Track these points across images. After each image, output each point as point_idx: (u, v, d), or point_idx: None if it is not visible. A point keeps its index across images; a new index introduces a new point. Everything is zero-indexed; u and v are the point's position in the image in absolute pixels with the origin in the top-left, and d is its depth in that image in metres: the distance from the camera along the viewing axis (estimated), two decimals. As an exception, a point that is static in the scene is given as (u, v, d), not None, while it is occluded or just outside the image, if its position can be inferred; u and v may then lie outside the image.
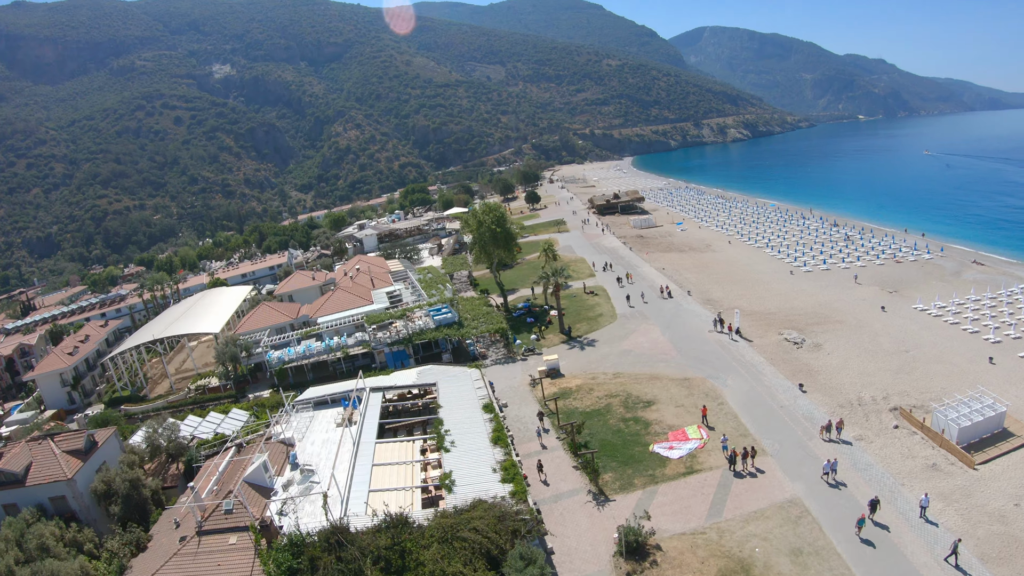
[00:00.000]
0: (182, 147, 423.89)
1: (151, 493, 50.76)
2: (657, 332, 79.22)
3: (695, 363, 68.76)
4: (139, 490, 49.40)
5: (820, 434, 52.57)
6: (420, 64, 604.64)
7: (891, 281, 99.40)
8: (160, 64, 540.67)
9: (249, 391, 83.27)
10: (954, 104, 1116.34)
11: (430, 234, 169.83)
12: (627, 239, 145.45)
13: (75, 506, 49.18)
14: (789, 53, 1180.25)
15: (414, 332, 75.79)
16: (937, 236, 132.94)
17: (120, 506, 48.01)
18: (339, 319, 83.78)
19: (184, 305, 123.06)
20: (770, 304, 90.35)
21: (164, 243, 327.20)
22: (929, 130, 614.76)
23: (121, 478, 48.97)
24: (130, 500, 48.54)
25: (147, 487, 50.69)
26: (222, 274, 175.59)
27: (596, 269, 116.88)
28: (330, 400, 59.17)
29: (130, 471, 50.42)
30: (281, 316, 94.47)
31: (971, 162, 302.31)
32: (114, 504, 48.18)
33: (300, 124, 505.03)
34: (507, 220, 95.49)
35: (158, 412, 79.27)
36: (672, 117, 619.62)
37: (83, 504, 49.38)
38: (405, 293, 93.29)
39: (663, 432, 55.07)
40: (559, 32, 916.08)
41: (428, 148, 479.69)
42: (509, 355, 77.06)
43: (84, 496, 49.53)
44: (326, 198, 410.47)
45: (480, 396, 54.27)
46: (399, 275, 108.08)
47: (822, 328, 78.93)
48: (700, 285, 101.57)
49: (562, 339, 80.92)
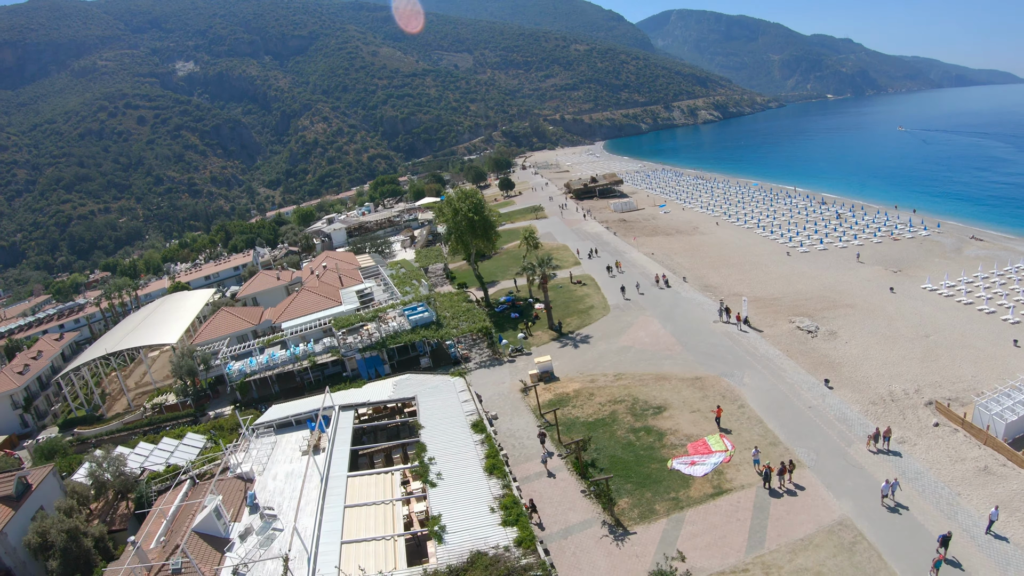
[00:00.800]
0: (146, 147, 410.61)
1: (94, 542, 42.76)
2: (657, 325, 71.89)
3: (705, 359, 61.57)
4: (79, 541, 41.15)
5: (867, 445, 45.51)
6: (387, 54, 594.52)
7: (893, 259, 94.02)
8: (122, 63, 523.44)
9: (210, 408, 74.89)
10: (921, 82, 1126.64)
11: (402, 226, 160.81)
12: (609, 224, 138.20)
13: (9, 563, 41.20)
14: (756, 35, 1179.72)
15: (388, 335, 67.47)
16: (928, 212, 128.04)
17: (59, 561, 40.07)
18: (305, 323, 75.17)
19: (143, 313, 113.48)
20: (773, 289, 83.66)
21: (131, 246, 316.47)
22: (899, 107, 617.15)
23: (57, 528, 40.84)
24: (69, 553, 40.41)
25: (89, 536, 42.62)
26: (184, 277, 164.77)
27: (581, 256, 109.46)
28: (294, 422, 50.86)
29: (67, 520, 42.29)
30: (242, 322, 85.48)
31: (948, 137, 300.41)
32: (52, 558, 40.29)
33: (266, 119, 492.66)
34: (485, 207, 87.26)
35: (112, 435, 71.62)
36: (642, 100, 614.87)
37: (17, 560, 41.49)
38: (377, 291, 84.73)
39: (681, 444, 47.68)
40: (526, 18, 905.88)
41: (397, 139, 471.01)
42: (494, 356, 69.11)
43: (18, 551, 41.56)
44: (295, 193, 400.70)
45: (467, 411, 46.27)
46: (370, 271, 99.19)
47: (833, 314, 72.46)
48: (695, 270, 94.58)
49: (552, 336, 73.28)
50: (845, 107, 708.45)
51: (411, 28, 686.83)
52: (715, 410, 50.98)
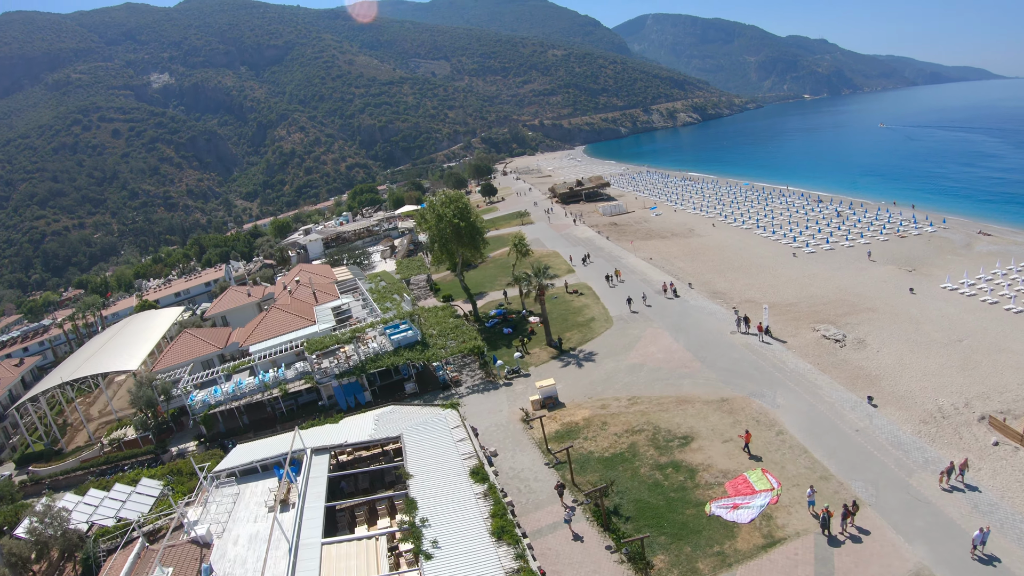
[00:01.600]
0: (121, 161, 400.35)
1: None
2: (668, 338, 64.81)
3: (729, 377, 54.57)
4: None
5: (940, 482, 38.54)
6: (363, 63, 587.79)
7: (904, 258, 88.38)
8: (96, 76, 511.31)
9: (173, 443, 67.05)
10: (896, 80, 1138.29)
11: (381, 235, 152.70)
12: (600, 228, 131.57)
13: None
14: (732, 37, 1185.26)
15: (368, 358, 59.75)
16: (926, 208, 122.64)
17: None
18: (275, 346, 67.02)
19: (106, 335, 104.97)
20: (786, 293, 77.16)
21: (105, 262, 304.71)
22: (876, 105, 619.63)
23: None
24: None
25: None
26: (154, 294, 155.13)
27: (574, 263, 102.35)
28: (260, 468, 43.20)
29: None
30: (207, 346, 77.32)
31: (932, 132, 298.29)
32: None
33: (243, 130, 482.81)
34: (472, 212, 79.83)
35: (68, 475, 64.65)
36: (621, 104, 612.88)
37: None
38: (355, 307, 76.92)
39: (717, 482, 40.52)
40: (503, 25, 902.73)
41: (375, 148, 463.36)
42: (489, 379, 61.60)
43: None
44: (272, 205, 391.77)
45: (464, 453, 38.65)
46: (347, 284, 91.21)
47: (856, 319, 66.25)
48: (699, 275, 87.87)
49: (552, 353, 65.83)
50: (823, 107, 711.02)
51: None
52: (743, 435, 44.15)
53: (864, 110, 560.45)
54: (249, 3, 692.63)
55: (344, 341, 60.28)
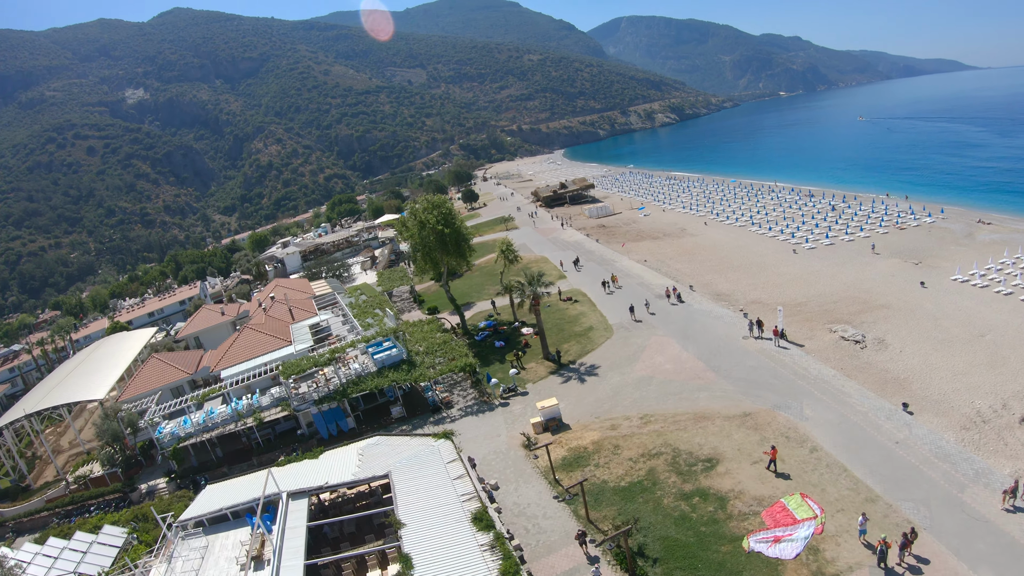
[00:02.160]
0: (97, 178, 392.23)
1: None
2: (675, 346, 59.90)
3: (748, 388, 49.80)
4: None
5: (1002, 503, 33.97)
6: (339, 73, 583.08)
7: (908, 250, 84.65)
8: (71, 93, 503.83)
9: (142, 479, 61.19)
10: (870, 74, 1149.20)
11: (361, 246, 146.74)
12: (589, 230, 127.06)
13: None
14: (707, 37, 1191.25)
15: (349, 381, 54.31)
16: (920, 198, 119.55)
17: None
18: (248, 371, 61.34)
19: (75, 361, 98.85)
20: (793, 292, 72.73)
21: (83, 282, 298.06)
22: (853, 100, 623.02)
23: None
24: None
25: None
26: (126, 315, 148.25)
27: (565, 269, 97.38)
28: (231, 515, 37.77)
29: None
30: (176, 372, 71.36)
31: (912, 124, 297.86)
32: None
33: (219, 144, 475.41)
34: (456, 217, 74.66)
35: (33, 516, 59.51)
36: (598, 107, 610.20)
37: None
38: (334, 324, 71.28)
39: (752, 511, 35.61)
40: (478, 32, 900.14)
41: (353, 158, 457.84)
42: (482, 399, 56.24)
43: None
44: (251, 219, 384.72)
45: (462, 493, 33.33)
46: (326, 299, 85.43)
47: (871, 317, 62.02)
48: (698, 277, 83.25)
49: (550, 368, 60.59)
50: (799, 103, 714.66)
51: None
52: (768, 452, 39.44)
53: (841, 105, 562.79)
54: (223, 16, 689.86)
55: (323, 363, 54.66)
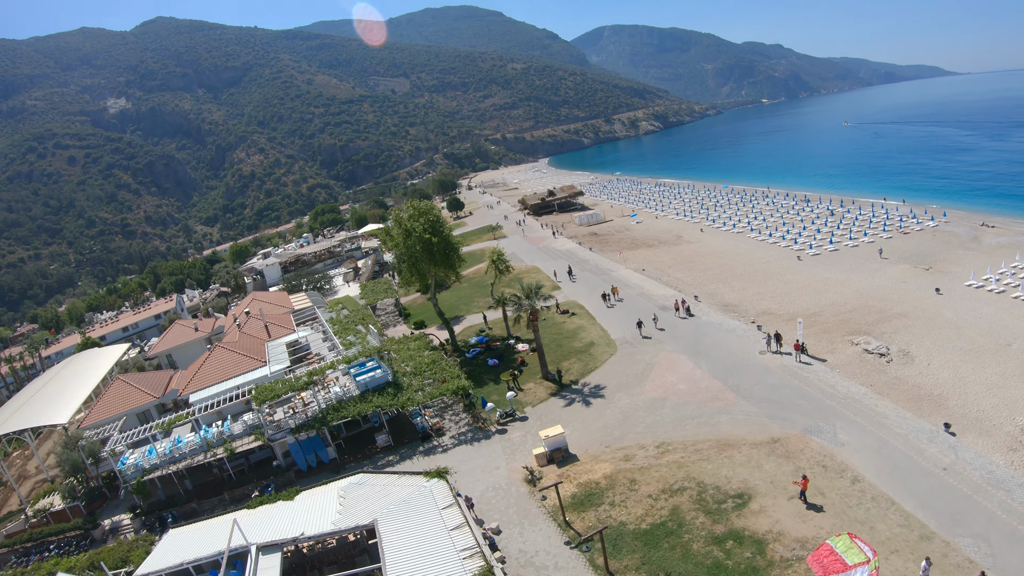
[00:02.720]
0: (77, 188, 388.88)
1: None
2: (687, 363, 54.91)
3: (772, 409, 44.92)
4: None
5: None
6: (322, 82, 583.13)
7: (915, 255, 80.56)
8: (52, 103, 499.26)
9: (105, 514, 55.02)
10: (852, 81, 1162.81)
11: (343, 256, 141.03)
12: (580, 238, 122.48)
13: None
14: (689, 45, 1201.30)
15: (329, 407, 48.88)
16: (917, 201, 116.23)
17: None
18: (219, 395, 55.70)
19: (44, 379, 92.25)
20: (804, 302, 68.19)
21: (62, 294, 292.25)
22: (835, 106, 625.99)
23: None
24: None
25: None
26: (99, 330, 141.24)
27: (559, 279, 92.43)
28: (193, 571, 32.36)
29: None
30: (142, 395, 65.29)
31: (898, 128, 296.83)
32: None
33: (201, 154, 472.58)
34: (444, 225, 69.52)
35: None
36: (582, 115, 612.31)
37: None
38: (314, 341, 65.70)
39: (795, 556, 30.53)
40: (461, 41, 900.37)
41: (336, 167, 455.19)
42: (477, 425, 50.79)
43: None
44: (233, 229, 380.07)
45: (462, 549, 27.80)
46: (305, 314, 79.77)
47: (891, 327, 57.60)
48: (702, 286, 78.60)
49: (550, 389, 55.24)
50: (782, 110, 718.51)
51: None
52: (799, 481, 34.68)
53: (824, 111, 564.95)
54: (206, 25, 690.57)
55: (299, 387, 49.07)
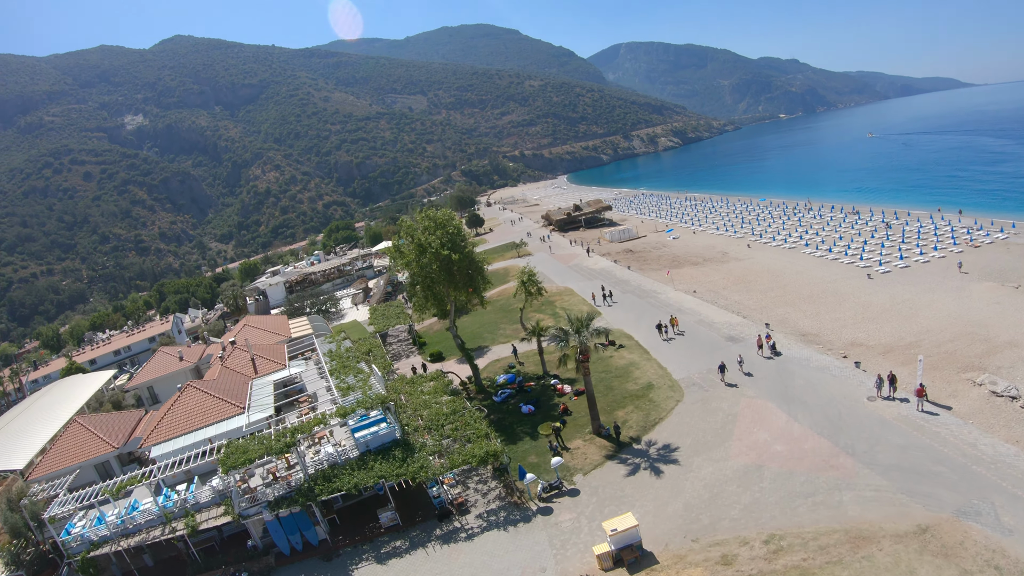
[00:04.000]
0: (92, 204, 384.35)
1: None
2: (778, 414, 43.05)
3: (906, 480, 33.20)
4: None
5: None
6: (339, 99, 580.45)
7: (996, 271, 69.80)
8: (69, 119, 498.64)
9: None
10: (869, 95, 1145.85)
11: (354, 275, 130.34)
12: (616, 256, 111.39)
13: None
14: (705, 62, 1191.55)
15: (319, 473, 37.82)
16: (973, 212, 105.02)
17: None
18: (185, 449, 44.80)
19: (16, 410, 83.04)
20: (893, 330, 56.33)
21: (72, 311, 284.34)
22: (855, 120, 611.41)
23: None
24: None
25: None
26: (90, 353, 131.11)
27: (598, 303, 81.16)
28: None
29: None
30: (101, 443, 54.75)
31: (928, 139, 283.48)
32: None
33: (217, 171, 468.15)
34: (465, 238, 58.03)
35: None
36: (600, 132, 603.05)
37: None
38: (309, 379, 54.67)
39: None
40: (478, 59, 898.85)
41: (353, 184, 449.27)
42: (512, 500, 39.00)
43: None
44: (247, 247, 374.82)
45: None
46: (303, 344, 68.31)
47: (1004, 360, 46.81)
48: (768, 311, 66.79)
49: (604, 449, 43.13)
50: (801, 124, 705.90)
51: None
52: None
53: (845, 124, 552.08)
54: (224, 44, 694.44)
55: (275, 451, 37.33)
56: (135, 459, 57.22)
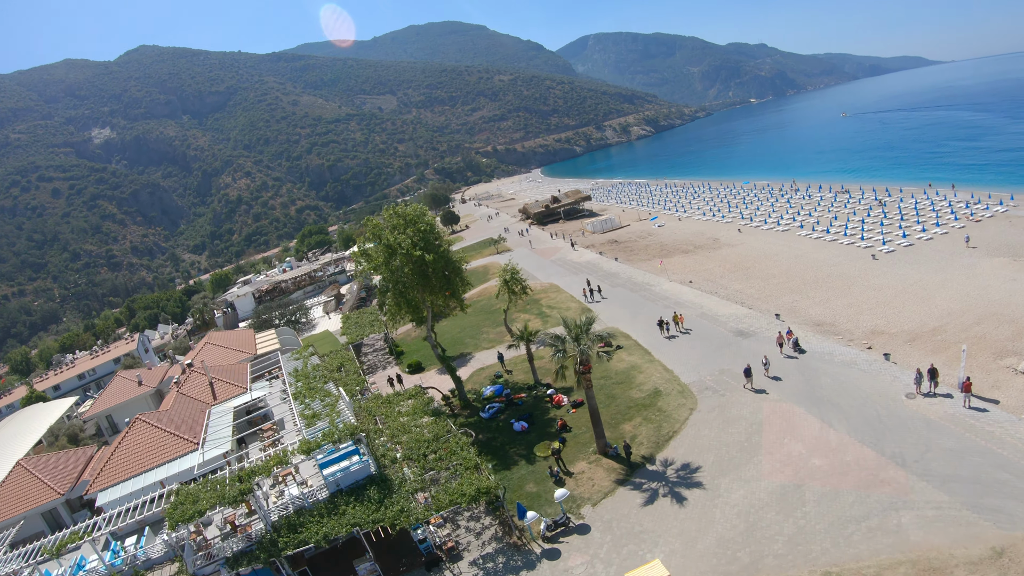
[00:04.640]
0: (62, 221, 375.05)
1: None
2: (810, 420, 37.84)
3: (969, 493, 28.67)
4: None
5: None
6: (308, 102, 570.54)
7: (1003, 245, 66.55)
8: (35, 135, 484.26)
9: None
10: (838, 76, 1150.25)
11: (326, 282, 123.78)
12: (601, 248, 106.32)
13: None
14: (674, 50, 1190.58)
15: (283, 520, 32.18)
16: (966, 186, 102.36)
17: None
18: (134, 495, 38.85)
19: (-32, 447, 75.62)
20: (914, 314, 51.85)
21: (45, 332, 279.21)
22: (827, 100, 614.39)
23: None
24: None
25: None
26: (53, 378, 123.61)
27: (589, 300, 75.85)
28: None
29: None
30: (45, 489, 48.70)
31: (904, 116, 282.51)
32: None
33: (187, 181, 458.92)
34: (439, 235, 52.29)
35: None
36: (572, 124, 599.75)
37: None
38: (274, 402, 48.87)
39: None
40: (447, 56, 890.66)
41: (325, 188, 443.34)
42: (512, 542, 33.34)
43: None
44: (221, 256, 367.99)
45: None
46: (268, 362, 61.90)
47: (1030, 343, 42.11)
48: (774, 299, 61.96)
49: (613, 472, 37.42)
50: (773, 107, 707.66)
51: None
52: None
53: (817, 105, 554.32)
54: (190, 52, 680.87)
55: (230, 500, 31.64)
56: (85, 504, 51.07)
